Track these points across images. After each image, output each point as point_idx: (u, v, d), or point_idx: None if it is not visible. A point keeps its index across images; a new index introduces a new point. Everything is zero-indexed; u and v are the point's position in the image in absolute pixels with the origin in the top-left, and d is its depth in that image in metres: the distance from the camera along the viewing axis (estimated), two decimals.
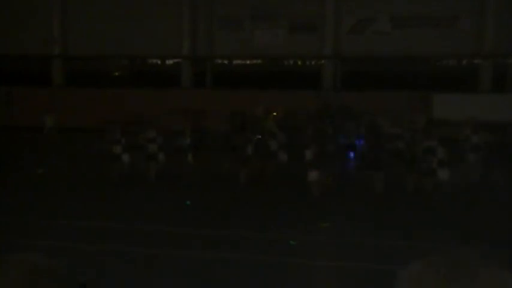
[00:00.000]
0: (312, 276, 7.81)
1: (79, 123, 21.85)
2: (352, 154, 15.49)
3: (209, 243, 9.00)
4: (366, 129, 14.00)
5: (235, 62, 24.94)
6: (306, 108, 18.15)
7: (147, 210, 11.11)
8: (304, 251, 8.62)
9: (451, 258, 1.21)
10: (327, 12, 23.34)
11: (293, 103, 21.41)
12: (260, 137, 13.07)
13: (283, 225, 9.93)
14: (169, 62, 25.41)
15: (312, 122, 14.52)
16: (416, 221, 10.25)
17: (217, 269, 7.86)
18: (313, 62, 24.39)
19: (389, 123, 13.45)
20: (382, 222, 10.15)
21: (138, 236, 9.31)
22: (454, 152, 12.29)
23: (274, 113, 14.13)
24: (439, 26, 22.56)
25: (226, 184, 13.12)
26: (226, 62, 25.01)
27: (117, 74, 26.33)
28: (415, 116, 14.00)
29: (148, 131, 13.24)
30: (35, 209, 11.01)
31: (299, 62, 24.48)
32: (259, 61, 24.60)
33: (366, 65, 23.58)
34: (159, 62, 25.64)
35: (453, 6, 22.32)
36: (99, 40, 24.52)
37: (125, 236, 9.31)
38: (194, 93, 23.85)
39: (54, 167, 15.32)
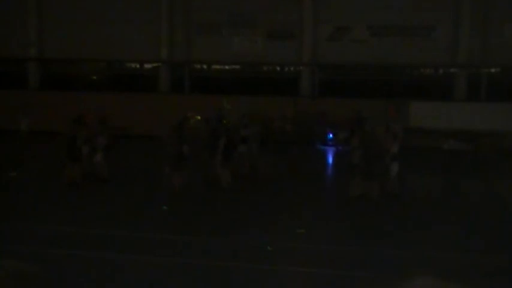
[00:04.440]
0: None
1: (54, 126, 21.52)
2: None
3: None
4: None
5: (214, 67, 24.89)
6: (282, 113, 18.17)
7: None
8: None
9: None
10: (305, 20, 23.46)
11: (270, 109, 21.58)
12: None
13: None
14: (147, 66, 25.27)
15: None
16: None
17: None
18: (291, 69, 24.43)
19: None
20: None
21: None
22: None
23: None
24: (416, 35, 22.83)
25: None
26: (204, 67, 24.93)
27: (94, 77, 26.11)
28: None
29: None
30: None
31: (277, 69, 24.49)
32: (237, 67, 24.59)
33: (343, 73, 23.74)
34: (137, 66, 25.48)
35: (429, 16, 22.61)
36: (77, 44, 24.30)
37: None
38: (170, 97, 23.82)
39: (23, 170, 15.26)
